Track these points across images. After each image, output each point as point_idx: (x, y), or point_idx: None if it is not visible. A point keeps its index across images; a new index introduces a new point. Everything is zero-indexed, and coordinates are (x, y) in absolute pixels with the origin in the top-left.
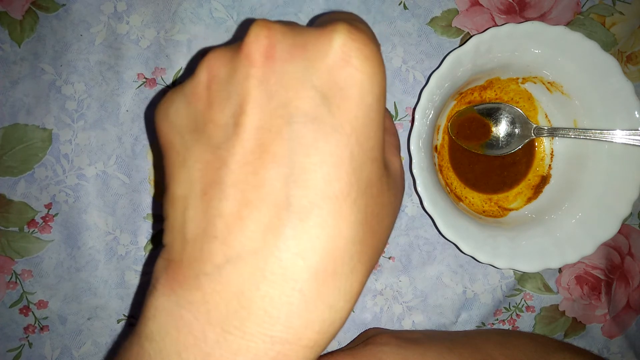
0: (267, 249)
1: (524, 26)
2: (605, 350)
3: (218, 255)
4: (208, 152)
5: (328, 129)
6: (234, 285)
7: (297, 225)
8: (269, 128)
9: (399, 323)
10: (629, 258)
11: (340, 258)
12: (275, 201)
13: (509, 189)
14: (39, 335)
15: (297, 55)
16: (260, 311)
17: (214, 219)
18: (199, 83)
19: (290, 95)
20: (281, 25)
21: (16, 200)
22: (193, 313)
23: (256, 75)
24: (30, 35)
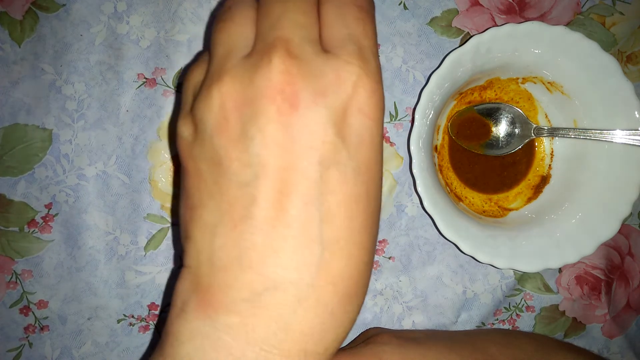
0: (302, 279)
1: (524, 26)
2: (605, 350)
3: (255, 284)
4: (236, 188)
5: (348, 171)
6: (272, 310)
7: (327, 257)
8: (295, 169)
9: (399, 323)
10: (629, 258)
11: (360, 280)
12: (306, 236)
13: (509, 189)
14: (39, 335)
15: (319, 102)
16: (297, 332)
17: (248, 250)
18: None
19: (314, 139)
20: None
21: (16, 200)
22: (231, 335)
23: (282, 121)
24: (30, 35)
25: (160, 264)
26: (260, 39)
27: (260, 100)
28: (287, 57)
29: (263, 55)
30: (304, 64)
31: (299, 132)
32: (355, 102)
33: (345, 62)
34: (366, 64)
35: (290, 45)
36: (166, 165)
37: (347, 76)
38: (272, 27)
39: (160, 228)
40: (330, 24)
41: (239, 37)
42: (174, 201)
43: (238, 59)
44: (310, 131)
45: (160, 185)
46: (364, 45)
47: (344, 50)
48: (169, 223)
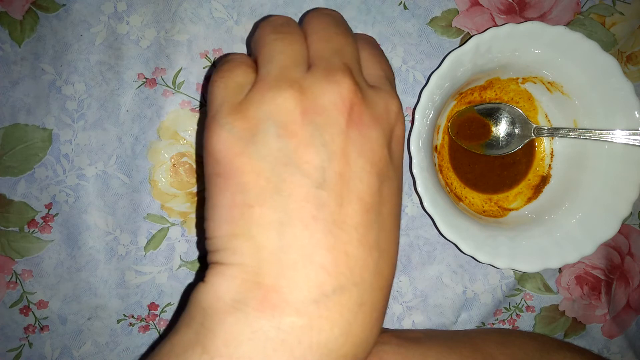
0: (364, 282)
1: (524, 26)
2: (605, 350)
3: (326, 285)
4: (306, 189)
5: (395, 187)
6: (337, 312)
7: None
8: (360, 179)
9: (399, 323)
10: (629, 258)
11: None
12: (368, 241)
13: (509, 189)
14: (39, 335)
15: (377, 125)
16: (355, 337)
17: (320, 250)
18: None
19: (375, 156)
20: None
21: (16, 200)
22: (296, 337)
23: (350, 135)
24: (30, 35)
25: (160, 264)
26: (325, 60)
27: (332, 111)
28: (353, 82)
29: (334, 73)
30: (364, 92)
31: (364, 147)
32: (396, 131)
33: (390, 96)
34: (398, 100)
35: (354, 73)
36: (166, 165)
37: (392, 108)
38: (337, 53)
39: (160, 228)
40: (371, 66)
41: (300, 51)
42: (174, 202)
43: (302, 71)
44: (371, 148)
45: (160, 185)
46: (394, 88)
47: (386, 87)
48: (169, 223)
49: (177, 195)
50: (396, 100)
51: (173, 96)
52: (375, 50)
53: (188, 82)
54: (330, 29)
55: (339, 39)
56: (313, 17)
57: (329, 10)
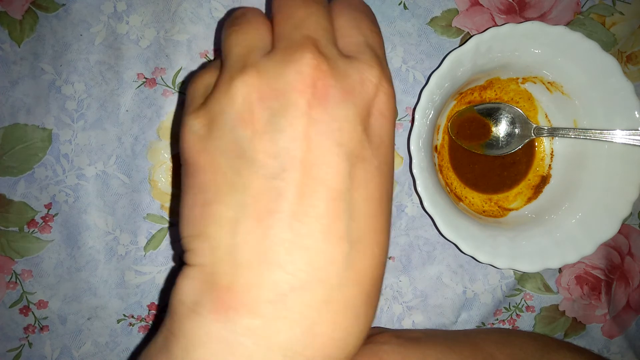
0: (330, 278)
1: (524, 26)
2: (605, 350)
3: (282, 283)
4: (261, 180)
5: (373, 169)
6: (297, 312)
7: (353, 256)
8: (324, 163)
9: (399, 323)
10: (629, 258)
11: (379, 281)
12: (335, 233)
13: (509, 189)
14: (39, 335)
15: (347, 99)
16: (323, 337)
17: (275, 246)
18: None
19: (344, 135)
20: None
21: (16, 200)
22: (253, 340)
23: (312, 115)
24: (30, 35)
25: (160, 264)
26: (284, 38)
27: (290, 93)
28: (317, 54)
29: (293, 51)
30: (332, 63)
31: (329, 127)
32: (377, 104)
33: (368, 65)
34: (384, 69)
35: (319, 45)
36: (166, 165)
37: (370, 78)
38: (298, 27)
39: (160, 228)
40: (348, 33)
41: (257, 38)
42: (173, 202)
43: (260, 56)
44: (339, 127)
45: (160, 185)
46: (380, 54)
47: (364, 55)
48: (169, 223)
49: (177, 195)
50: (375, 69)
51: (173, 96)
52: (354, 14)
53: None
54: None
55: (301, 11)
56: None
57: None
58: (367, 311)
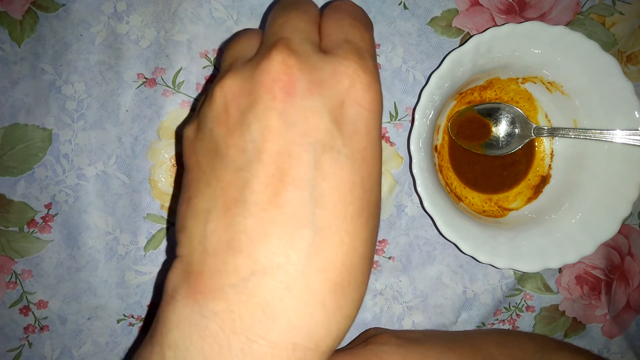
0: (291, 264)
1: (524, 26)
2: (605, 350)
3: (243, 268)
4: (230, 173)
5: (342, 158)
6: (259, 296)
7: (318, 242)
8: (290, 154)
9: (399, 323)
10: (629, 258)
11: (355, 271)
12: (298, 220)
13: (509, 189)
14: (39, 335)
15: (315, 91)
16: (285, 321)
17: (239, 234)
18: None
19: (309, 126)
20: (298, 61)
21: (16, 200)
22: (218, 323)
23: (278, 108)
24: (30, 35)
25: (160, 263)
26: (263, 44)
27: (257, 90)
28: (286, 51)
29: (264, 53)
30: (303, 58)
31: (295, 119)
32: (352, 94)
33: (342, 58)
34: (363, 60)
35: (290, 43)
36: (166, 165)
37: (343, 70)
38: (275, 33)
39: (160, 228)
40: (328, 32)
41: (245, 47)
42: (173, 202)
43: (241, 63)
44: (305, 118)
45: (160, 185)
46: (361, 47)
47: (340, 49)
48: (169, 223)
49: (177, 195)
50: (349, 61)
51: (173, 96)
52: (338, 14)
53: (188, 82)
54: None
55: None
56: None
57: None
58: (337, 300)
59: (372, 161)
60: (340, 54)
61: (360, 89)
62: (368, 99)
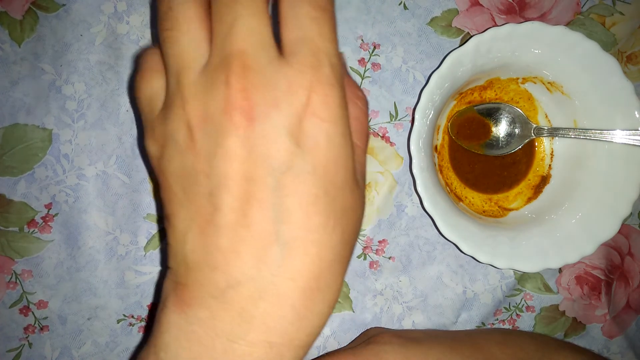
0: (262, 275)
1: (524, 26)
2: (605, 350)
3: (221, 282)
4: (202, 198)
5: (304, 174)
6: (236, 304)
7: (285, 255)
8: (253, 178)
9: (399, 323)
10: (629, 258)
11: (323, 276)
12: (265, 237)
13: (509, 189)
14: (39, 335)
15: (272, 113)
16: (260, 324)
17: (214, 252)
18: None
19: (269, 148)
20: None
21: (16, 200)
22: (202, 328)
23: (239, 135)
24: (30, 35)
25: (160, 264)
26: (216, 50)
27: (220, 117)
28: (243, 74)
29: (220, 71)
30: (259, 76)
31: (255, 143)
32: (309, 109)
33: (297, 71)
34: (319, 70)
35: (246, 58)
36: None
37: (299, 85)
38: (227, 36)
39: (160, 228)
40: (285, 23)
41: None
42: None
43: (196, 75)
44: (265, 141)
45: None
46: (319, 47)
47: (297, 57)
48: None
49: None
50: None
51: None
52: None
53: None
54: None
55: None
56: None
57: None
58: (306, 303)
59: (335, 168)
60: (296, 65)
61: (317, 102)
62: (326, 110)
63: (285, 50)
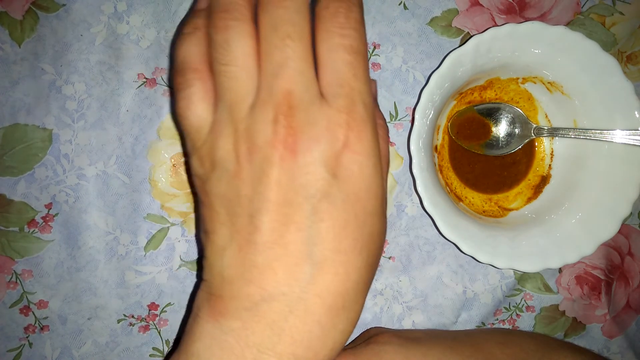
0: (293, 292)
1: (524, 26)
2: (605, 350)
3: (255, 295)
4: (243, 219)
5: (337, 201)
6: (268, 317)
7: (315, 274)
8: (292, 203)
9: (399, 323)
10: (629, 258)
11: (349, 295)
12: (298, 256)
13: (509, 189)
14: (39, 335)
15: (313, 147)
16: (288, 337)
17: (250, 268)
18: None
19: (308, 179)
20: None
21: (16, 200)
22: (234, 337)
23: (283, 166)
24: (30, 35)
25: (160, 264)
26: (265, 87)
27: (267, 149)
28: (289, 112)
29: (269, 108)
30: (303, 114)
31: (296, 173)
32: (345, 144)
33: (335, 110)
34: (353, 109)
35: (292, 98)
36: (166, 165)
37: (336, 123)
38: (276, 76)
39: (160, 228)
40: (323, 66)
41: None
42: (173, 201)
43: (247, 109)
44: (305, 172)
45: (160, 185)
46: (353, 88)
47: (335, 98)
48: (169, 223)
49: (177, 195)
50: (342, 114)
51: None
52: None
53: None
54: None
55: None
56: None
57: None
58: (332, 320)
59: (367, 196)
60: (333, 104)
61: (352, 138)
62: (359, 145)
63: (324, 90)
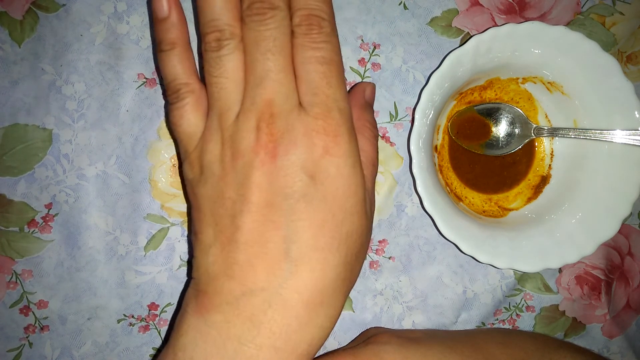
0: (272, 287)
1: (524, 26)
2: (605, 350)
3: (236, 290)
4: (226, 219)
5: (315, 201)
6: (247, 311)
7: (293, 270)
8: (271, 204)
9: (399, 323)
10: (629, 258)
11: (326, 292)
12: (277, 254)
13: (509, 189)
14: (39, 335)
15: (291, 151)
16: (267, 330)
17: (232, 265)
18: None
19: (287, 180)
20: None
21: (16, 200)
22: (217, 330)
23: (263, 169)
24: (30, 35)
25: (160, 264)
26: (249, 96)
27: (249, 155)
28: (270, 120)
29: (252, 117)
30: (283, 122)
31: (276, 176)
32: (322, 148)
33: (312, 118)
34: (329, 115)
35: (273, 107)
36: (166, 165)
37: (314, 129)
38: (258, 86)
39: (160, 228)
40: (300, 79)
41: (235, 93)
42: (173, 202)
43: (233, 117)
44: (284, 175)
45: (160, 185)
46: (328, 95)
47: (311, 106)
48: (169, 223)
49: (177, 195)
50: (319, 121)
51: None
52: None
53: None
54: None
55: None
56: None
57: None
58: (309, 314)
59: (344, 196)
60: (310, 112)
61: (329, 142)
62: (337, 148)
63: (302, 99)
